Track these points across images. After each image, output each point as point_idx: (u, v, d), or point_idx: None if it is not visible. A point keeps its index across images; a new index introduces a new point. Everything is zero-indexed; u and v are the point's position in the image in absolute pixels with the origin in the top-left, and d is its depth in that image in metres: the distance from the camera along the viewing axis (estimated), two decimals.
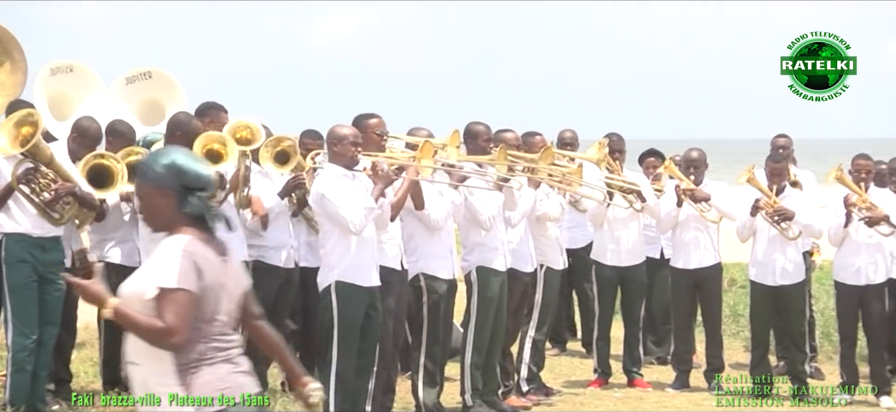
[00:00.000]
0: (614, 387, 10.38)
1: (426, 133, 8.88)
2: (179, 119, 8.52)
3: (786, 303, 10.15)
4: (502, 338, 9.28)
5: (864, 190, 10.04)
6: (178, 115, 8.73)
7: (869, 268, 9.98)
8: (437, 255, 8.67)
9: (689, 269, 10.37)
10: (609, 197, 10.21)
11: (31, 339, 8.14)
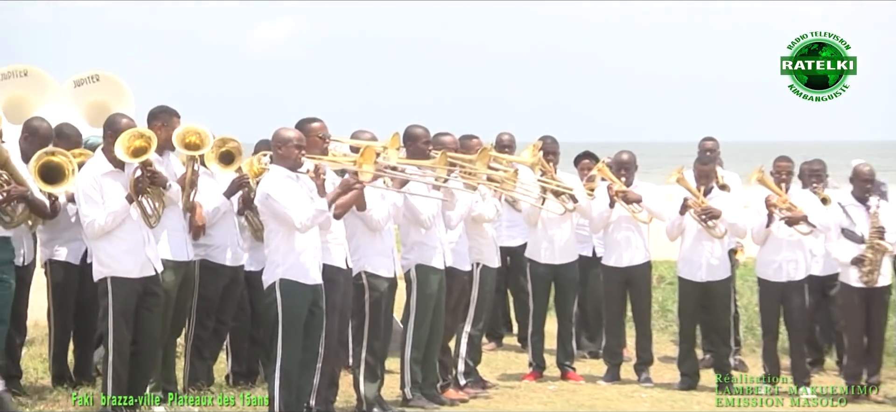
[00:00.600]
0: (548, 380, 10.41)
1: (369, 136, 8.91)
2: (111, 120, 8.35)
3: (712, 299, 10.29)
4: (441, 333, 9.29)
5: (785, 190, 10.20)
6: (112, 116, 8.52)
7: (789, 266, 10.14)
8: (379, 254, 8.65)
9: (620, 267, 10.45)
10: (542, 198, 10.28)
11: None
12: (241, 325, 9.43)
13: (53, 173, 8.31)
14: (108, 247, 7.95)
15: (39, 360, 9.65)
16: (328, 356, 8.18)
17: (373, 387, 8.72)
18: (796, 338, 10.28)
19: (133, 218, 7.98)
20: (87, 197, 7.86)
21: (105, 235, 7.89)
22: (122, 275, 7.92)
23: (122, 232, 7.93)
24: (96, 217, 7.81)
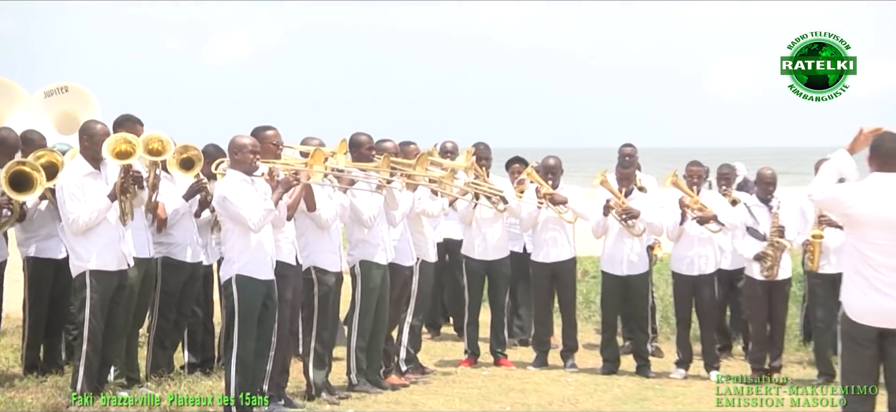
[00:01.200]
0: (482, 366, 10.47)
1: (317, 142, 8.83)
2: (86, 126, 8.34)
3: (631, 291, 10.37)
4: (385, 324, 9.30)
5: (696, 193, 10.29)
6: (87, 123, 8.48)
7: (701, 261, 10.27)
8: (326, 251, 8.64)
9: (548, 263, 10.51)
10: (476, 198, 10.31)
11: None
12: (197, 318, 9.36)
13: (23, 181, 8.28)
14: (87, 244, 7.95)
15: (11, 351, 9.58)
16: (280, 345, 8.15)
17: (321, 374, 8.73)
18: (707, 327, 10.41)
19: (110, 216, 7.99)
20: (72, 195, 7.87)
21: (87, 231, 7.89)
22: (101, 269, 7.92)
23: (101, 228, 7.94)
24: (80, 214, 7.84)
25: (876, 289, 6.33)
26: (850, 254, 6.50)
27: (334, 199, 8.70)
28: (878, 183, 6.39)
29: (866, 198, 6.38)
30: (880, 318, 6.34)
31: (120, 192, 7.92)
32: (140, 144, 8.10)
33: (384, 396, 8.99)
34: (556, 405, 8.88)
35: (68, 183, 7.94)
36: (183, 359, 9.37)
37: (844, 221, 6.64)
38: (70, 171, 8.07)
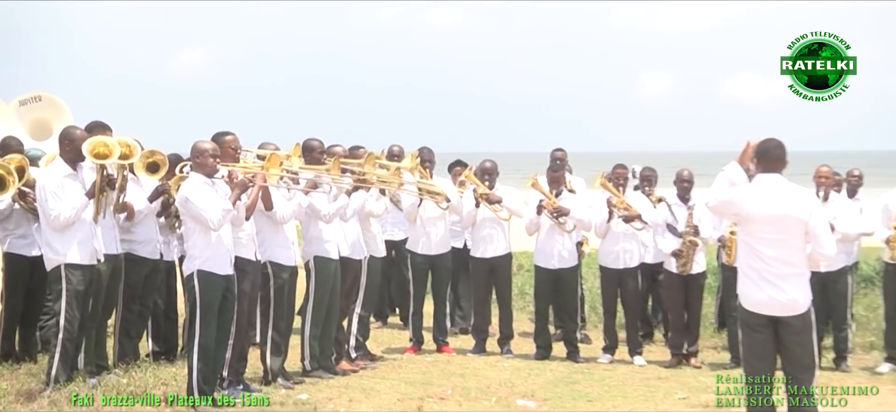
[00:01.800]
0: (426, 353, 10.48)
1: (273, 147, 8.89)
2: (67, 131, 8.34)
3: (562, 284, 10.40)
4: (336, 314, 9.31)
5: (622, 193, 10.39)
6: (67, 128, 8.51)
7: (626, 255, 10.35)
8: (282, 247, 8.66)
9: (486, 258, 10.52)
10: (420, 198, 10.31)
11: None
12: (161, 310, 9.33)
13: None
14: (63, 239, 7.97)
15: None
16: (239, 334, 8.16)
17: (278, 360, 8.74)
18: (631, 316, 10.48)
19: (85, 213, 7.99)
20: (53, 194, 7.89)
21: (66, 227, 7.90)
22: (75, 262, 7.92)
23: (76, 225, 7.97)
24: (62, 211, 7.87)
25: (767, 281, 6.48)
26: (743, 250, 6.65)
27: (294, 200, 8.70)
28: (764, 183, 6.55)
29: (754, 197, 6.54)
30: (770, 308, 6.49)
31: (99, 190, 7.93)
32: (115, 147, 8.06)
33: (335, 381, 8.94)
34: (493, 388, 8.88)
35: (50, 183, 7.97)
36: (148, 348, 9.31)
37: (737, 221, 6.83)
38: (51, 173, 8.09)
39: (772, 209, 6.51)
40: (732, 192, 6.69)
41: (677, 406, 8.51)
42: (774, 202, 6.52)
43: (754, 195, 6.57)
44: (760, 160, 6.63)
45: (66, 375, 7.91)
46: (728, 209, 6.90)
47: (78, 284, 7.92)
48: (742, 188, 6.68)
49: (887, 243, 10.05)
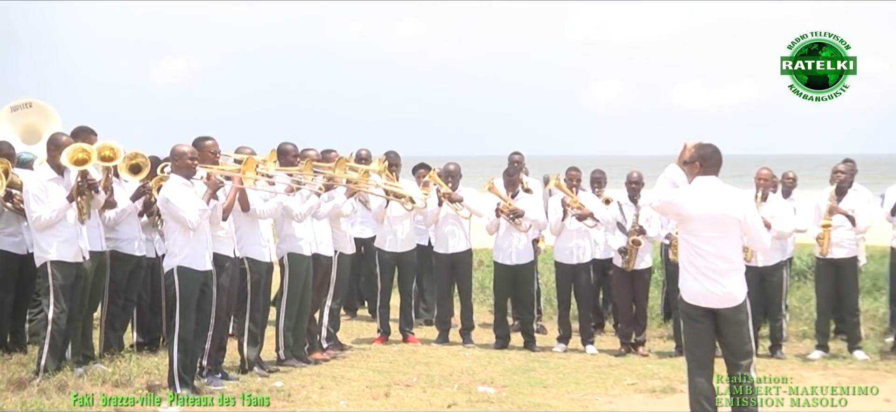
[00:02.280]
0: (393, 343, 10.48)
1: (249, 151, 8.88)
2: (53, 138, 8.32)
3: (519, 278, 10.47)
4: (308, 307, 9.33)
5: (575, 193, 10.43)
6: (53, 135, 8.48)
7: (579, 251, 10.40)
8: (258, 244, 8.65)
9: (448, 254, 10.57)
10: (387, 199, 10.31)
11: None
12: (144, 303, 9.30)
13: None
14: (49, 238, 7.95)
15: None
16: (218, 326, 8.16)
17: (254, 350, 8.74)
18: (584, 308, 10.53)
19: (69, 214, 7.97)
20: (35, 197, 7.90)
21: (49, 228, 7.89)
22: (60, 260, 7.91)
23: (61, 225, 7.95)
24: (42, 213, 7.89)
25: (705, 276, 6.49)
26: (684, 247, 6.66)
27: (274, 199, 8.72)
28: (702, 184, 6.57)
29: (693, 197, 6.56)
30: (709, 300, 6.51)
31: (76, 194, 7.92)
32: (94, 153, 8.05)
33: (308, 370, 8.95)
34: (455, 375, 8.90)
35: (33, 186, 8.00)
36: (132, 339, 9.29)
37: (678, 220, 6.87)
38: (35, 177, 8.15)
39: (710, 209, 6.53)
40: (674, 194, 6.70)
41: (626, 391, 8.53)
42: (712, 202, 6.55)
43: (694, 196, 6.59)
44: (699, 163, 6.64)
45: (54, 365, 7.89)
46: (670, 209, 6.91)
47: (64, 280, 7.91)
48: (682, 190, 6.69)
49: (818, 240, 10.17)
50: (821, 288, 10.32)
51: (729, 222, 6.54)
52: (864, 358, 9.96)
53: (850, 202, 10.15)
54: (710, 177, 6.61)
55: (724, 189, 6.65)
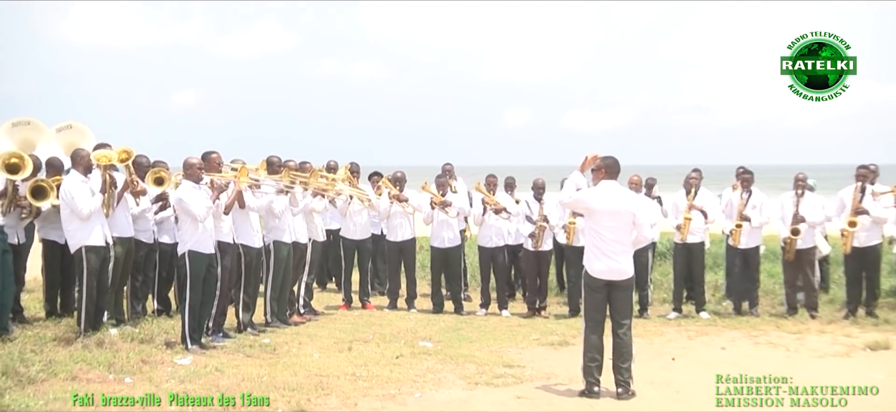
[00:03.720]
0: (354, 310, 10.51)
1: (241, 161, 8.92)
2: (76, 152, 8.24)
3: (450, 259, 10.57)
4: (289, 282, 9.37)
5: (493, 193, 10.56)
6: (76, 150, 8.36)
7: (496, 238, 10.57)
8: (250, 234, 8.67)
9: (396, 241, 10.62)
10: (350, 198, 10.43)
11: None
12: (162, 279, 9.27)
13: (40, 192, 8.26)
14: (82, 227, 7.90)
15: (36, 302, 9.39)
16: (220, 297, 8.17)
17: (247, 316, 8.82)
18: (500, 281, 10.65)
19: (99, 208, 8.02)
20: (78, 195, 7.85)
21: (86, 220, 7.88)
22: (91, 244, 7.89)
23: (92, 217, 7.94)
24: (83, 206, 7.83)
25: (606, 256, 6.52)
26: (590, 234, 6.67)
27: (267, 196, 8.83)
28: (606, 186, 6.62)
29: (599, 196, 6.59)
30: (608, 274, 6.56)
31: (102, 190, 7.94)
32: (114, 155, 8.08)
33: (289, 330, 8.99)
34: (402, 333, 8.94)
35: (72, 188, 7.93)
36: (153, 307, 9.30)
37: (586, 213, 6.79)
38: (71, 181, 8.00)
39: (612, 205, 6.54)
40: (582, 194, 6.65)
41: (532, 344, 8.58)
42: (614, 200, 6.55)
43: (599, 195, 6.58)
44: (603, 170, 6.60)
45: (92, 327, 7.89)
46: (578, 205, 6.87)
47: (94, 261, 7.86)
48: (590, 190, 6.63)
49: (678, 229, 10.34)
50: (677, 265, 10.45)
51: (625, 216, 6.54)
52: (707, 317, 10.09)
53: (701, 201, 10.33)
54: (612, 181, 6.60)
55: (623, 190, 6.70)
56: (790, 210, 10.18)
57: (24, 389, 6.14)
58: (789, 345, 8.60)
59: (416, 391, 6.66)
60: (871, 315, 10.01)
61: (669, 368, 7.62)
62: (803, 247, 10.17)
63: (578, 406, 6.40)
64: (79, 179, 8.01)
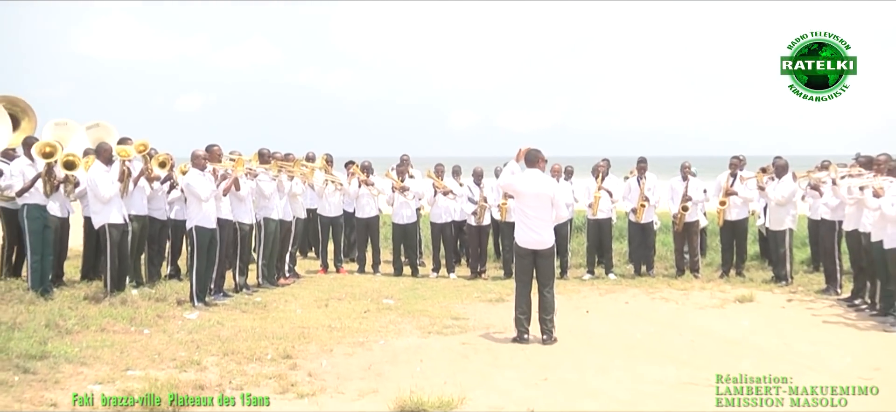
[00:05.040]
0: (330, 274, 10.47)
1: (238, 153, 8.91)
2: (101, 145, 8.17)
3: (408, 232, 10.51)
4: (277, 250, 9.33)
5: (442, 179, 10.53)
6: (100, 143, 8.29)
7: (445, 215, 10.54)
8: (245, 212, 8.65)
9: (364, 218, 10.57)
10: (325, 183, 10.42)
11: (38, 257, 7.82)
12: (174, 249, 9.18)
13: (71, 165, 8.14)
14: (105, 208, 7.90)
15: (73, 268, 9.28)
16: (221, 263, 8.20)
17: (243, 278, 8.80)
18: (448, 250, 10.62)
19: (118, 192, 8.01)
20: (101, 182, 7.86)
21: (108, 201, 7.87)
22: (111, 222, 7.90)
23: (112, 200, 7.93)
24: (105, 191, 7.84)
25: (530, 229, 6.53)
26: (517, 212, 6.69)
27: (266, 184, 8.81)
28: (530, 174, 6.61)
29: (524, 182, 6.58)
30: (532, 244, 6.57)
31: (119, 179, 7.93)
32: (132, 149, 8.05)
33: (277, 291, 8.95)
34: (369, 293, 8.91)
35: (97, 176, 7.91)
36: (166, 272, 9.23)
37: (515, 195, 6.76)
38: (95, 170, 7.94)
39: (535, 189, 6.53)
40: (513, 178, 6.64)
41: (474, 301, 8.60)
42: (536, 185, 6.54)
43: (525, 180, 6.57)
44: (527, 160, 6.59)
45: (117, 288, 7.87)
46: (509, 189, 6.86)
47: (115, 235, 7.84)
48: (519, 176, 6.61)
49: (590, 207, 10.43)
50: (590, 236, 10.55)
51: (545, 197, 6.53)
52: (614, 278, 10.18)
53: (608, 184, 10.47)
54: (534, 169, 6.58)
55: (543, 177, 6.67)
56: (680, 191, 10.42)
57: (62, 339, 6.20)
58: (678, 300, 8.74)
59: (381, 339, 6.66)
60: (740, 274, 10.26)
61: (584, 319, 7.67)
62: (689, 221, 10.34)
63: (511, 349, 6.43)
64: (101, 169, 7.95)
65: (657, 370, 5.74)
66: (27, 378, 5.19)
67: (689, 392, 5.24)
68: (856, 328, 7.24)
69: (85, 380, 5.27)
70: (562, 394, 5.15)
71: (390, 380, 5.41)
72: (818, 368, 5.83)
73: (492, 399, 5.01)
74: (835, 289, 8.87)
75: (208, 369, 5.56)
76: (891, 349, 6.51)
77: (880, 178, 7.12)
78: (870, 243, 7.47)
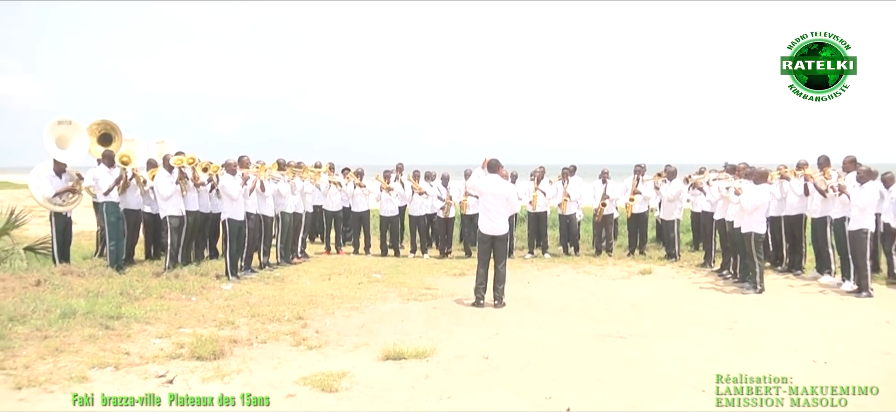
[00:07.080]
0: (332, 254, 10.26)
1: (262, 162, 8.91)
2: (165, 157, 8.16)
3: (393, 223, 10.31)
4: (291, 236, 9.18)
5: (418, 182, 10.43)
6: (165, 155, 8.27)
7: (420, 209, 10.29)
8: (267, 207, 8.55)
9: (358, 211, 10.35)
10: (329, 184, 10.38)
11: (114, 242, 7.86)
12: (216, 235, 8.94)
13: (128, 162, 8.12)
14: (165, 204, 7.81)
15: (139, 249, 9.01)
16: (248, 247, 8.19)
17: (266, 258, 8.75)
18: (422, 236, 10.34)
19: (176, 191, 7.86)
20: (161, 184, 7.87)
21: (168, 198, 7.79)
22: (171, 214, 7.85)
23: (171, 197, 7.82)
24: (164, 191, 7.85)
25: (491, 219, 6.47)
26: (481, 206, 6.57)
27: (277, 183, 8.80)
28: (492, 178, 6.55)
29: (487, 184, 6.51)
30: (492, 231, 6.49)
31: (176, 182, 7.90)
32: (184, 159, 8.02)
33: (292, 267, 8.88)
34: (362, 270, 8.79)
35: (159, 180, 7.94)
36: (207, 253, 9.02)
37: (479, 194, 6.64)
38: (159, 175, 7.95)
39: (496, 189, 6.49)
40: (479, 181, 6.54)
41: (443, 275, 8.52)
42: (497, 186, 6.50)
43: (489, 183, 6.51)
44: (490, 167, 6.54)
45: (173, 265, 7.88)
46: (476, 189, 6.73)
47: (173, 225, 7.82)
48: (483, 180, 6.55)
49: (530, 203, 10.27)
50: (530, 225, 10.32)
51: (503, 196, 6.49)
52: (548, 257, 10.08)
53: (542, 186, 10.27)
54: (495, 174, 6.53)
55: (502, 181, 6.57)
56: (600, 190, 10.42)
57: (132, 304, 6.27)
58: (596, 273, 8.81)
59: (371, 304, 6.67)
60: (642, 253, 10.38)
61: (527, 288, 7.68)
62: (607, 214, 10.46)
63: (471, 312, 6.43)
64: (164, 174, 8.00)
65: (581, 325, 5.90)
66: (108, 333, 5.34)
67: (607, 343, 5.25)
68: (722, 292, 7.52)
69: (149, 335, 5.34)
70: (510, 345, 5.25)
71: (378, 335, 5.45)
72: (699, 322, 6.05)
73: (456, 349, 5.08)
74: (709, 263, 9.21)
75: (240, 327, 5.62)
76: (745, 305, 6.79)
77: (740, 181, 7.51)
78: (733, 229, 7.77)
